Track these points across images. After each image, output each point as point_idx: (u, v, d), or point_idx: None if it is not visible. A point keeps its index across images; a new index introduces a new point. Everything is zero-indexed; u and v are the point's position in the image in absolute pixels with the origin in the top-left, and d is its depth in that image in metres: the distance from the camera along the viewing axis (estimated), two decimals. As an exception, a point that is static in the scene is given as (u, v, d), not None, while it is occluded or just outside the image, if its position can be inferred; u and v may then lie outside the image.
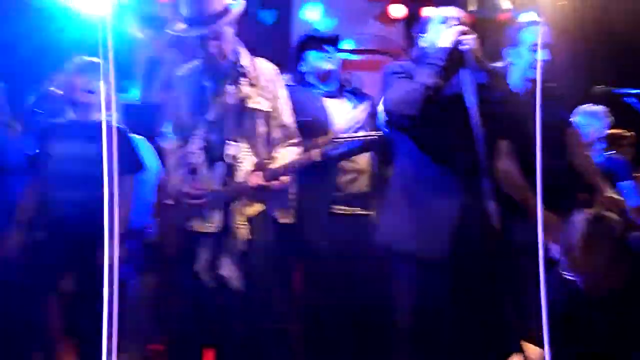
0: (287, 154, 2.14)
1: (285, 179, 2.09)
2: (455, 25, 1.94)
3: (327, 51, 2.50)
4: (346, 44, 2.72)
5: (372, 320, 2.33)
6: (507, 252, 1.93)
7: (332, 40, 2.56)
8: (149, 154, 2.95)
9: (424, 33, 2.06)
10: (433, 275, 1.90)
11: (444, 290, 1.91)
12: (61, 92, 2.47)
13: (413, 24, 4.43)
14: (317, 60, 2.49)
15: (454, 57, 1.89)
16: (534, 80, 2.11)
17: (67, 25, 2.65)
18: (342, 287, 2.31)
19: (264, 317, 2.10)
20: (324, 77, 2.50)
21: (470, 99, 1.89)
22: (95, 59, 2.31)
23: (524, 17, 2.74)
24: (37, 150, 2.52)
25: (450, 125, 1.94)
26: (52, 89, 2.51)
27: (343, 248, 2.34)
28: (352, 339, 2.36)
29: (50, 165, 2.42)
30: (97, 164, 2.20)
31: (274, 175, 2.06)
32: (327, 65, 2.49)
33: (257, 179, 2.04)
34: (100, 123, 2.34)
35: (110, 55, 1.70)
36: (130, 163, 2.45)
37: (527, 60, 2.22)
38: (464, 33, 1.90)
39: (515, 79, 2.25)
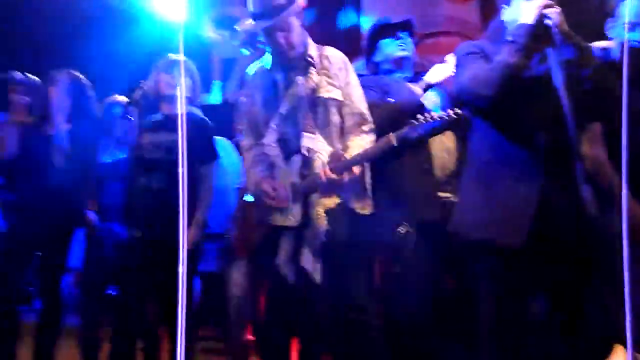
0: (361, 142, 2.10)
1: (357, 169, 2.05)
2: None
3: (400, 37, 2.45)
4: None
5: (454, 311, 2.27)
6: (603, 242, 1.78)
7: (404, 26, 2.49)
8: (229, 153, 3.06)
9: (507, 4, 1.94)
10: (516, 266, 1.78)
11: (527, 282, 1.80)
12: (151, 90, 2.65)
13: (488, 2, 4.26)
14: (391, 48, 2.44)
15: (538, 33, 1.76)
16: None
17: (150, 29, 2.79)
18: (424, 279, 2.26)
19: (345, 309, 2.09)
20: (399, 64, 2.45)
21: (558, 77, 1.74)
22: (179, 57, 2.44)
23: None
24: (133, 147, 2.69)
25: (534, 105, 1.81)
26: (143, 87, 2.67)
27: (430, 236, 2.26)
28: (433, 331, 2.31)
29: (146, 156, 2.59)
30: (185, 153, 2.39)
31: (346, 167, 2.02)
32: (402, 52, 2.44)
33: (328, 173, 2.01)
34: (188, 114, 2.56)
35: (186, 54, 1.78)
36: (211, 151, 2.65)
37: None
38: (547, 6, 1.76)
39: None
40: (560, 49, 1.76)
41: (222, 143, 2.97)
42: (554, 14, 1.74)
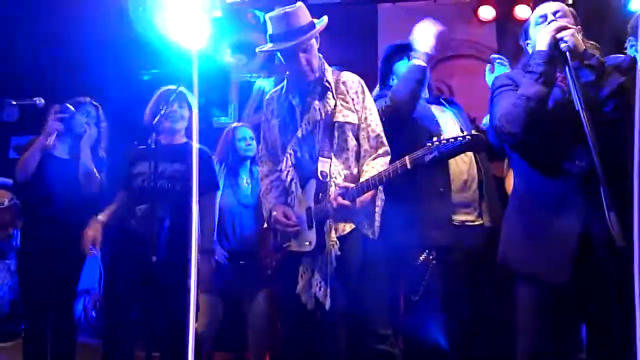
0: (377, 165, 2.09)
1: (368, 194, 2.03)
2: (552, 21, 1.79)
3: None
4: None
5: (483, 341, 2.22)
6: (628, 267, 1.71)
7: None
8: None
9: (527, 39, 1.94)
10: (559, 298, 1.74)
11: (569, 313, 1.75)
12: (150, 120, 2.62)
13: (504, 25, 4.25)
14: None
15: (554, 58, 1.73)
16: None
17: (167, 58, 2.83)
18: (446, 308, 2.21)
19: (366, 338, 2.05)
20: None
21: (578, 101, 1.68)
22: (177, 88, 2.47)
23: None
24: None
25: (561, 133, 1.77)
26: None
27: (452, 261, 2.21)
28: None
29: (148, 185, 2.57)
30: (180, 182, 2.41)
31: (358, 192, 2.00)
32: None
33: (339, 200, 1.99)
34: (183, 145, 2.59)
35: (195, 83, 1.79)
36: (211, 180, 2.66)
37: None
38: (561, 29, 1.73)
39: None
40: (577, 71, 1.72)
41: None
42: (568, 37, 1.71)
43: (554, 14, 1.85)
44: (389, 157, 2.12)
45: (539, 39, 1.77)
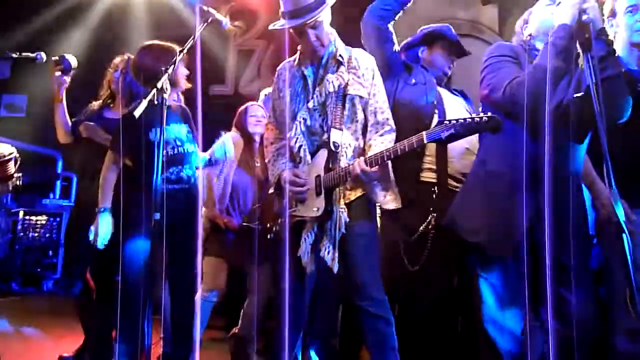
0: (384, 140, 2.15)
1: (387, 164, 2.11)
2: None
3: None
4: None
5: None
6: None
7: None
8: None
9: (529, 22, 1.97)
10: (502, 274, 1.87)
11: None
12: None
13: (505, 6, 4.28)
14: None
15: (577, 32, 1.66)
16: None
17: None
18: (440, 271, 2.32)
19: (361, 301, 2.13)
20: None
21: (592, 75, 1.58)
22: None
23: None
24: None
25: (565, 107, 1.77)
26: None
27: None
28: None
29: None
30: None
31: (379, 159, 2.06)
32: None
33: (362, 165, 2.05)
34: (184, 109, 2.55)
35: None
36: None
37: (628, 25, 1.99)
38: (585, 1, 1.68)
39: (621, 51, 2.01)
40: (594, 45, 1.64)
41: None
42: (592, 9, 1.67)
43: None
44: (394, 134, 2.19)
45: (563, 11, 1.74)
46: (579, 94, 1.75)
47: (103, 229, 2.44)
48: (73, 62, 2.83)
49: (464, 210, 1.98)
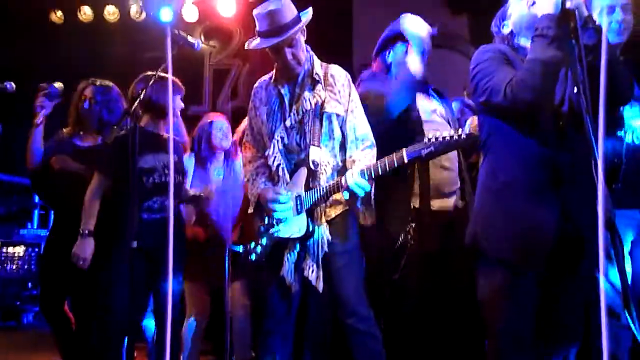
0: (366, 156, 2.14)
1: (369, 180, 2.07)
2: None
3: None
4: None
5: (457, 323, 2.31)
6: None
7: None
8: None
9: (505, 19, 1.88)
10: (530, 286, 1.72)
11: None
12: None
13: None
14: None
15: (563, 20, 1.59)
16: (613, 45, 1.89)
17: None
18: (430, 288, 2.30)
19: (348, 318, 2.10)
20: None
21: (580, 66, 1.50)
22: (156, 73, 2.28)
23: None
24: None
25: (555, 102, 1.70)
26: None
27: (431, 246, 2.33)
28: (437, 342, 2.34)
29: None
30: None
31: (372, 173, 2.02)
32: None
33: (357, 177, 2.01)
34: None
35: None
36: None
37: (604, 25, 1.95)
38: None
39: None
40: (583, 33, 1.56)
41: None
42: None
43: None
44: (375, 149, 2.18)
45: (544, 2, 1.68)
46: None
47: (88, 251, 2.42)
48: (60, 89, 2.82)
49: (484, 227, 1.83)
